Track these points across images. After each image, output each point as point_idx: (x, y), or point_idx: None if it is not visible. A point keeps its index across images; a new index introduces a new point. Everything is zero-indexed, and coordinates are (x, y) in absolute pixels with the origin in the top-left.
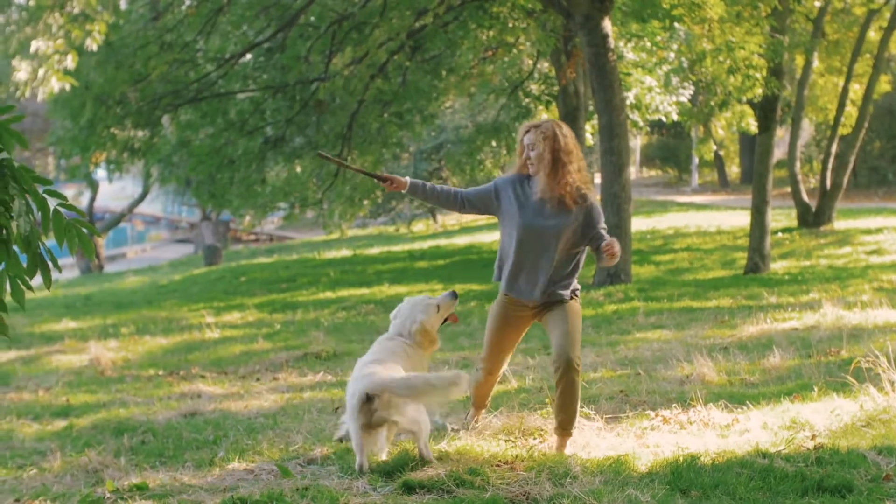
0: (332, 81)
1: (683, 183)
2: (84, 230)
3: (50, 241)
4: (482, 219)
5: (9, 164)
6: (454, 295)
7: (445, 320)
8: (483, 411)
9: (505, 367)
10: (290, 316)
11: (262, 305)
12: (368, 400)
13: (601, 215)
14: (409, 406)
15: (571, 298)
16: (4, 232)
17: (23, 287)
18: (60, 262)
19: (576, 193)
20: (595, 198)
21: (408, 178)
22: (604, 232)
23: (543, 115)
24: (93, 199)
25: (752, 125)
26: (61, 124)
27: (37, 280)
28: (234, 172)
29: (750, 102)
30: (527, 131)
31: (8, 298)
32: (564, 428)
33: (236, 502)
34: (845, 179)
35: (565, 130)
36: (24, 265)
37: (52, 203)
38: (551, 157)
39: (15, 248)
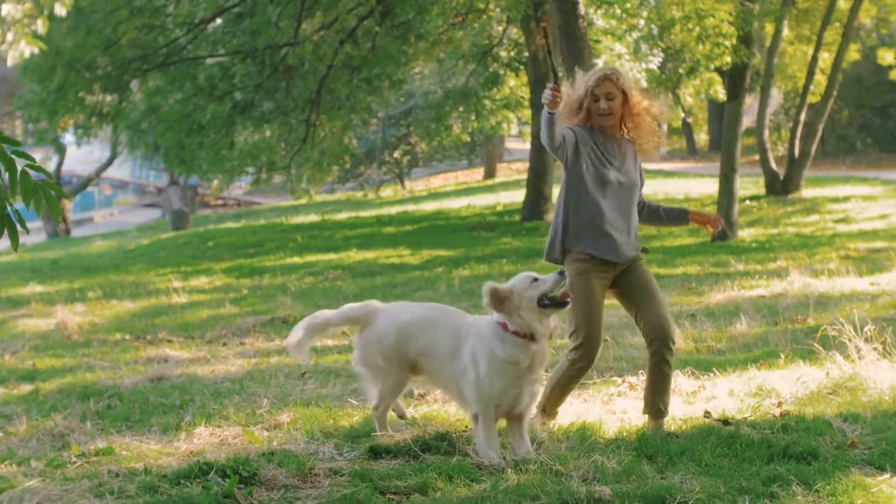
0: (301, 46)
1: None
2: (52, 192)
3: (17, 203)
4: (450, 184)
5: None
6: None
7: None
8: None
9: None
10: (258, 281)
11: (229, 270)
12: None
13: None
14: None
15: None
16: None
17: None
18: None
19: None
20: None
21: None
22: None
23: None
24: (60, 163)
25: (721, 93)
26: (29, 88)
27: (3, 243)
28: (203, 138)
29: (719, 70)
30: (601, 79)
31: None
32: (663, 412)
33: (202, 467)
34: (813, 148)
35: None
36: None
37: (20, 164)
38: (631, 107)
39: None
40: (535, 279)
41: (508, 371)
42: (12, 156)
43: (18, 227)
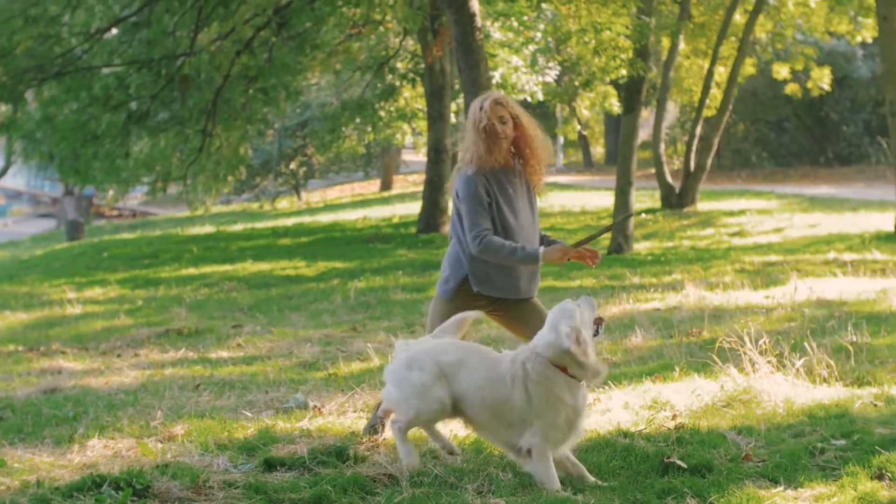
0: (197, 57)
1: (548, 163)
2: None
3: None
4: (346, 196)
5: None
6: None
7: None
8: None
9: None
10: (153, 292)
11: (124, 281)
12: None
13: None
14: None
15: None
16: None
17: None
18: None
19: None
20: None
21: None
22: None
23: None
24: None
25: (616, 106)
26: None
27: None
28: (98, 147)
29: (615, 83)
30: (493, 103)
31: None
32: None
33: (96, 479)
34: (709, 161)
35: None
36: None
37: None
38: (525, 131)
39: None
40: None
41: (570, 414)
42: None
43: None
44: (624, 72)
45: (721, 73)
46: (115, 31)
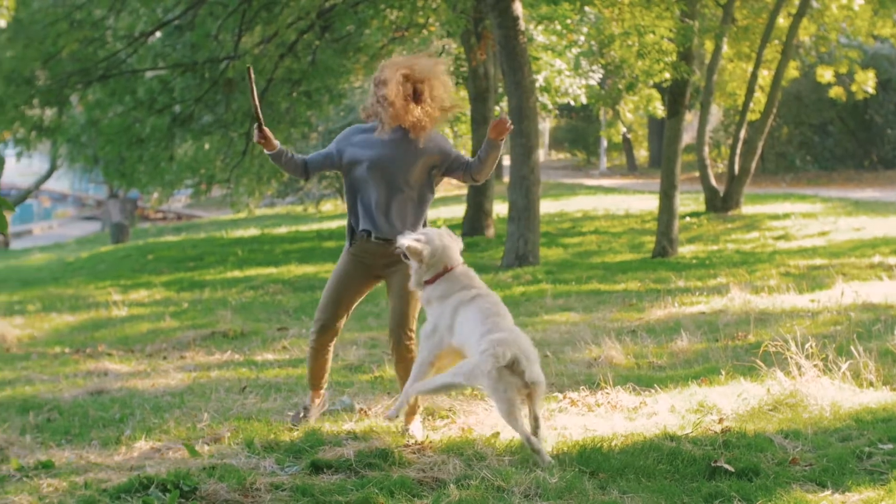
0: (241, 60)
1: (592, 166)
2: None
3: None
4: None
5: None
6: None
7: None
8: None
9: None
10: (198, 294)
11: (169, 284)
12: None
13: None
14: None
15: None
16: None
17: None
18: None
19: None
20: None
21: (278, 144)
22: None
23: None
24: None
25: (660, 109)
26: None
27: None
28: (143, 151)
29: (659, 87)
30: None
31: None
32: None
33: (143, 481)
34: (753, 165)
35: None
36: None
37: None
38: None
39: None
40: None
41: None
42: None
43: None
44: (667, 75)
45: (765, 76)
46: (158, 34)
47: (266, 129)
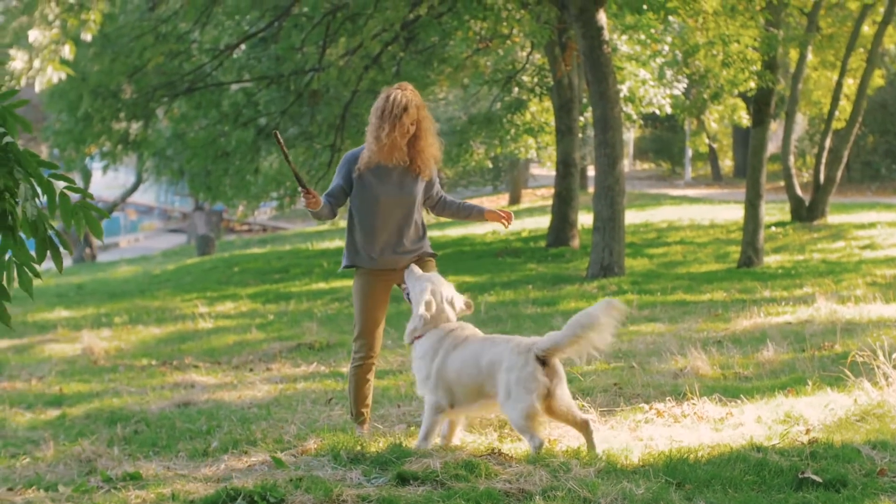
0: (326, 72)
1: (677, 176)
2: (93, 212)
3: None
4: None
5: (13, 149)
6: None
7: None
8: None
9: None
10: (284, 306)
11: (255, 296)
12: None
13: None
14: None
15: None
16: (10, 218)
17: (30, 274)
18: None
19: None
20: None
21: (322, 200)
22: None
23: (532, 106)
24: (85, 188)
25: (745, 118)
26: (57, 117)
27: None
28: (228, 164)
29: (744, 96)
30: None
31: (15, 286)
32: None
33: (230, 493)
34: (839, 174)
35: None
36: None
37: (59, 186)
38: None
39: (21, 234)
40: None
41: None
42: (50, 179)
43: (61, 248)
44: (752, 84)
45: (850, 84)
46: (243, 47)
47: (312, 189)
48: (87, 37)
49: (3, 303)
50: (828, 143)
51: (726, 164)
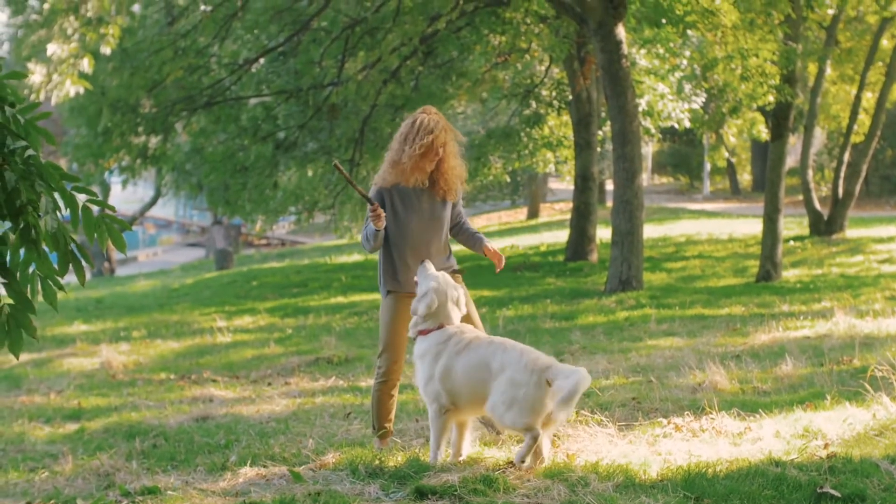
0: (344, 86)
1: (695, 190)
2: (115, 225)
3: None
4: (493, 224)
5: (35, 161)
6: None
7: None
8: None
9: None
10: (302, 320)
11: (273, 310)
12: None
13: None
14: None
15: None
16: (33, 231)
17: (54, 288)
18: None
19: None
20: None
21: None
22: None
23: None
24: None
25: (763, 132)
26: (76, 132)
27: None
28: (247, 178)
29: (762, 110)
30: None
31: (40, 299)
32: None
33: None
34: (857, 188)
35: None
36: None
37: (81, 199)
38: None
39: (44, 248)
40: None
41: None
42: (72, 192)
43: (83, 261)
44: (771, 98)
45: (868, 98)
46: (262, 61)
47: (378, 205)
48: (106, 51)
49: (28, 316)
50: (846, 156)
51: (745, 178)
